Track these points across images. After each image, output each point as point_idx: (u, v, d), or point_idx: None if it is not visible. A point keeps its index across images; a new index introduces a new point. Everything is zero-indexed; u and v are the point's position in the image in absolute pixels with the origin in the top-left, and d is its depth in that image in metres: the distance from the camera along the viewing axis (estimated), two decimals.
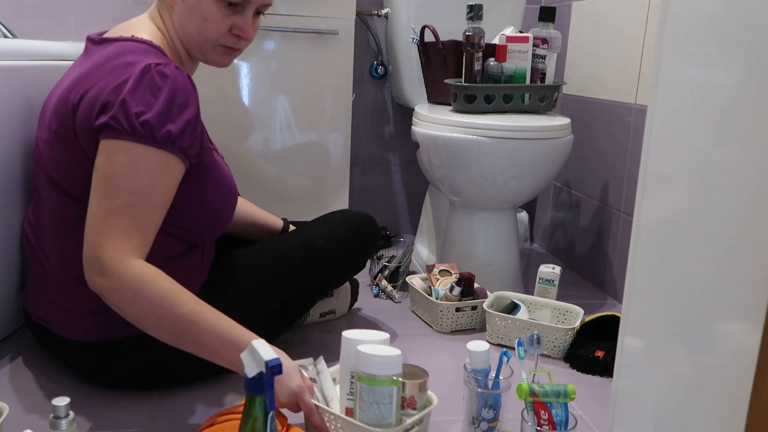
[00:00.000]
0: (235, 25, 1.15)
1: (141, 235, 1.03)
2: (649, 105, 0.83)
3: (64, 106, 1.08)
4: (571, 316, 1.54)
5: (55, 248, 1.16)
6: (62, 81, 1.16)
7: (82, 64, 1.13)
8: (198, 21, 1.13)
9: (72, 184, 1.11)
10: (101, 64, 1.07)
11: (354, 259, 1.43)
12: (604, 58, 1.92)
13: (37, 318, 1.22)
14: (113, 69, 1.05)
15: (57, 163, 1.12)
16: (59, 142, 1.10)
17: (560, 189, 2.22)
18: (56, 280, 1.16)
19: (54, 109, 1.11)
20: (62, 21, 1.98)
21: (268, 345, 0.79)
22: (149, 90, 1.03)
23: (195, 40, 1.16)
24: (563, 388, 1.03)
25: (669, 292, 0.82)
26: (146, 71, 1.03)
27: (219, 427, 1.03)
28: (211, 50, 1.17)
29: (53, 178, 1.13)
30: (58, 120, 1.09)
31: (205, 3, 1.12)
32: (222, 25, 1.14)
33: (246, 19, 1.15)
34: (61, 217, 1.14)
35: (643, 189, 0.85)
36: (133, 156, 1.02)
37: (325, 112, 1.93)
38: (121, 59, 1.06)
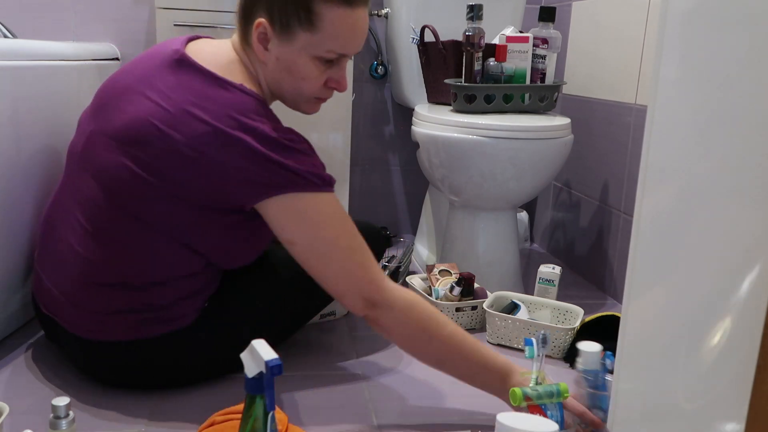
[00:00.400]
0: (331, 79, 1.16)
1: (373, 262, 1.11)
2: (649, 105, 0.83)
3: (152, 131, 1.04)
4: (570, 316, 1.54)
5: (83, 247, 1.13)
6: (141, 88, 1.09)
7: (177, 88, 1.06)
8: (295, 79, 1.14)
9: (126, 196, 1.08)
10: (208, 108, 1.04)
11: None
12: (604, 58, 1.92)
13: (46, 310, 1.21)
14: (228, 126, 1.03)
15: (117, 173, 1.08)
16: (129, 158, 1.06)
17: (560, 189, 2.22)
18: (75, 277, 1.14)
19: (134, 124, 1.06)
20: (62, 21, 1.98)
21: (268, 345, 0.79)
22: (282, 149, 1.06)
23: (290, 95, 1.17)
24: (556, 387, 1.03)
25: (669, 292, 0.82)
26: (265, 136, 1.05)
27: (219, 427, 1.03)
28: (305, 102, 1.19)
29: (105, 182, 1.10)
30: (139, 140, 1.05)
31: (302, 62, 1.11)
32: (319, 81, 1.15)
33: (341, 71, 1.17)
34: (99, 220, 1.11)
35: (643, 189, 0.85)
36: (325, 203, 1.08)
37: (325, 112, 1.93)
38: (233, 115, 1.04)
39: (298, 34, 1.09)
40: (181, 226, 1.10)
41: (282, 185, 1.05)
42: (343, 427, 1.15)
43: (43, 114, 1.40)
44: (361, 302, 1.10)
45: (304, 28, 1.09)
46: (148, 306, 1.14)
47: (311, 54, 1.11)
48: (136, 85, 1.11)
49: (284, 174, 1.05)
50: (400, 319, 1.10)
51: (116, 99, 1.12)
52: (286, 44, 1.10)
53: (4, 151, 1.27)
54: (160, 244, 1.11)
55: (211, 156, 1.03)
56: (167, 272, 1.13)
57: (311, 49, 1.10)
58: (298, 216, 1.07)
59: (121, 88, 1.13)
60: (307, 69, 1.12)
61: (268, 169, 1.04)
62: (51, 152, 1.43)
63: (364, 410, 1.21)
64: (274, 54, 1.12)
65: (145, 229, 1.09)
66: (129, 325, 1.14)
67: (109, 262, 1.12)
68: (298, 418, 1.17)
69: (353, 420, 1.18)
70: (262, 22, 1.09)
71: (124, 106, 1.09)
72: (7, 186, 1.29)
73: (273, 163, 1.04)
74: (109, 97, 1.14)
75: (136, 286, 1.12)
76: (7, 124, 1.27)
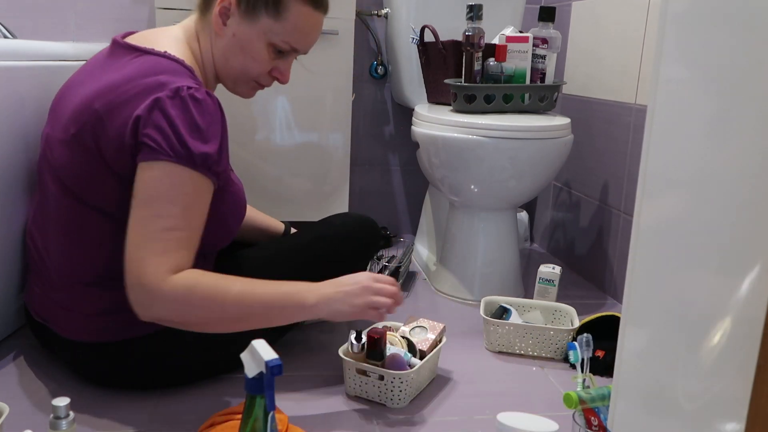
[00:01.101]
0: (276, 68, 1.22)
1: (182, 254, 1.04)
2: (649, 105, 0.83)
3: (87, 112, 1.08)
4: (561, 315, 1.54)
5: (59, 249, 1.15)
6: (81, 82, 1.14)
7: (109, 71, 1.11)
8: (245, 58, 1.18)
9: (82, 188, 1.11)
10: (131, 78, 1.07)
11: (354, 262, 1.43)
12: (604, 58, 1.92)
13: (38, 317, 1.22)
14: (146, 87, 1.05)
15: (70, 165, 1.11)
16: (76, 146, 1.09)
17: (560, 189, 2.22)
18: (59, 280, 1.16)
19: (74, 113, 1.10)
20: (62, 21, 1.98)
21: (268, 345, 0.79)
22: (186, 112, 1.04)
23: (235, 72, 1.20)
24: (606, 390, 1.02)
25: (669, 292, 0.82)
26: (178, 93, 1.04)
27: (219, 427, 1.04)
28: (244, 83, 1.22)
29: (62, 178, 1.13)
30: (79, 125, 1.08)
31: (257, 44, 1.17)
32: (267, 66, 1.20)
33: (287, 64, 1.23)
34: (66, 219, 1.14)
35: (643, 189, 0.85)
36: (173, 177, 1.03)
37: (325, 112, 1.93)
38: (153, 78, 1.06)
39: (262, 18, 1.15)
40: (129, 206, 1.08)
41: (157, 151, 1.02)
42: (343, 427, 1.15)
43: (43, 115, 1.40)
44: (138, 289, 1.01)
45: (270, 15, 1.15)
46: None
47: (268, 39, 1.17)
48: (79, 82, 1.16)
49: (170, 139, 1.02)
50: (183, 309, 1.04)
51: (65, 98, 1.17)
52: (247, 24, 1.16)
53: (4, 152, 1.27)
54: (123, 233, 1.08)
55: (123, 115, 1.05)
56: None
57: (270, 35, 1.17)
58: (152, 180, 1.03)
59: (68, 89, 1.18)
60: (261, 52, 1.18)
61: (159, 130, 1.02)
62: None
63: (364, 410, 1.21)
64: (232, 30, 1.16)
65: (110, 221, 1.11)
66: (120, 325, 1.14)
67: (86, 259, 1.13)
68: (298, 418, 1.17)
69: (353, 420, 1.18)
70: None
71: (70, 102, 1.14)
72: (7, 188, 1.29)
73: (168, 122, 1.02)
74: (60, 99, 1.19)
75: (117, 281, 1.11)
76: (6, 125, 1.27)
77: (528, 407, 1.24)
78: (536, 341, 1.45)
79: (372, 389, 1.22)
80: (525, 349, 1.47)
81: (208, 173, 1.06)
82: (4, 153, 1.27)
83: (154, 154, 1.02)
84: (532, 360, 1.45)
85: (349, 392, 1.26)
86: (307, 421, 1.16)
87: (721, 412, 0.72)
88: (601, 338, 1.44)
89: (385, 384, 1.20)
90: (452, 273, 1.80)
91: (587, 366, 1.18)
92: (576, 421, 1.02)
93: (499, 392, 1.30)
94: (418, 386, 1.26)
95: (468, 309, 1.72)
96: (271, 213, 1.95)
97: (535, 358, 1.46)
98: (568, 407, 1.03)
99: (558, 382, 1.35)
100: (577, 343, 1.17)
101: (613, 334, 1.04)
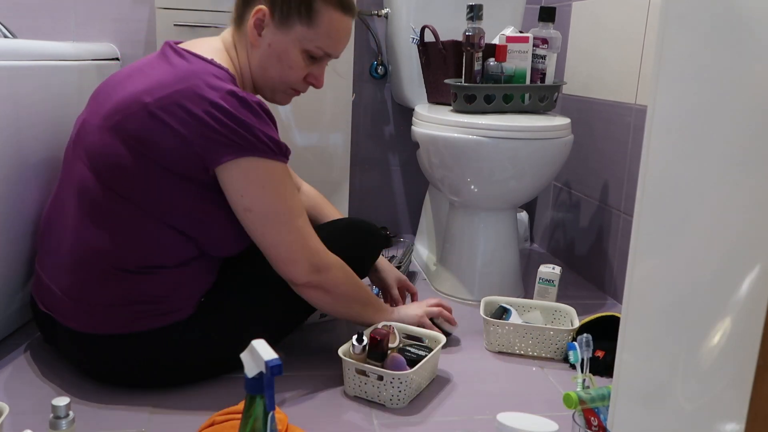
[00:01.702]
0: (311, 74, 1.26)
1: (313, 230, 1.21)
2: (649, 105, 0.83)
3: (136, 105, 1.11)
4: (561, 315, 1.54)
5: (78, 234, 1.16)
6: (130, 76, 1.18)
7: (159, 69, 1.15)
8: (282, 67, 1.23)
9: (115, 175, 1.13)
10: (180, 78, 1.11)
11: (356, 267, 1.43)
12: (604, 58, 1.92)
13: (44, 307, 1.22)
14: (194, 89, 1.09)
15: (106, 152, 1.13)
16: (116, 134, 1.12)
17: (560, 189, 2.22)
18: (72, 267, 1.16)
19: (121, 103, 1.13)
20: (62, 21, 1.98)
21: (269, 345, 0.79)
22: (249, 111, 1.11)
23: (273, 81, 1.25)
24: (606, 390, 1.02)
25: (669, 292, 0.82)
26: (232, 94, 1.10)
27: (219, 427, 1.04)
28: (282, 92, 1.27)
29: (95, 164, 1.14)
30: (124, 115, 1.12)
31: (293, 52, 1.22)
32: (302, 72, 1.25)
33: (321, 69, 1.27)
34: (91, 204, 1.15)
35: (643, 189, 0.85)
36: (275, 170, 1.14)
37: (325, 112, 1.93)
38: (202, 79, 1.10)
39: (296, 26, 1.20)
40: (165, 202, 1.13)
41: (242, 147, 1.10)
42: (343, 427, 1.15)
43: (44, 114, 1.40)
44: (307, 268, 1.18)
45: (303, 22, 1.20)
46: (144, 296, 1.15)
47: (302, 47, 1.22)
48: (127, 76, 1.19)
49: (245, 135, 1.10)
50: (339, 278, 1.24)
51: (109, 89, 1.20)
52: (282, 33, 1.20)
53: (4, 152, 1.27)
54: (150, 226, 1.14)
55: (178, 114, 1.09)
56: (159, 258, 1.15)
57: (304, 42, 1.21)
58: (257, 181, 1.13)
59: (114, 82, 1.21)
60: (296, 59, 1.22)
61: (229, 128, 1.09)
62: (51, 153, 1.43)
63: (364, 410, 1.21)
64: (267, 40, 1.21)
65: (135, 211, 1.13)
66: (125, 318, 1.15)
67: (103, 247, 1.14)
68: (298, 418, 1.17)
69: (353, 420, 1.18)
70: (262, 9, 1.19)
71: (115, 94, 1.17)
72: (8, 187, 1.29)
73: (236, 120, 1.09)
74: (103, 90, 1.22)
75: (131, 273, 1.14)
76: (7, 125, 1.27)
77: (528, 407, 1.24)
78: (536, 341, 1.45)
79: (371, 389, 1.22)
80: (525, 349, 1.47)
81: (286, 160, 1.17)
82: (7, 151, 1.27)
83: (242, 151, 1.10)
84: (532, 360, 1.45)
85: (349, 392, 1.26)
86: (307, 421, 1.16)
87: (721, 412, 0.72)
88: (601, 338, 1.44)
89: (384, 384, 1.20)
90: (452, 273, 1.80)
91: (587, 366, 1.17)
92: (576, 421, 1.02)
93: (499, 392, 1.30)
94: (418, 387, 1.26)
95: (468, 309, 1.72)
96: None
97: (535, 358, 1.46)
98: (567, 407, 1.03)
99: (558, 382, 1.35)
100: (577, 343, 1.17)
101: (613, 334, 1.04)
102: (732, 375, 0.70)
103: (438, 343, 1.33)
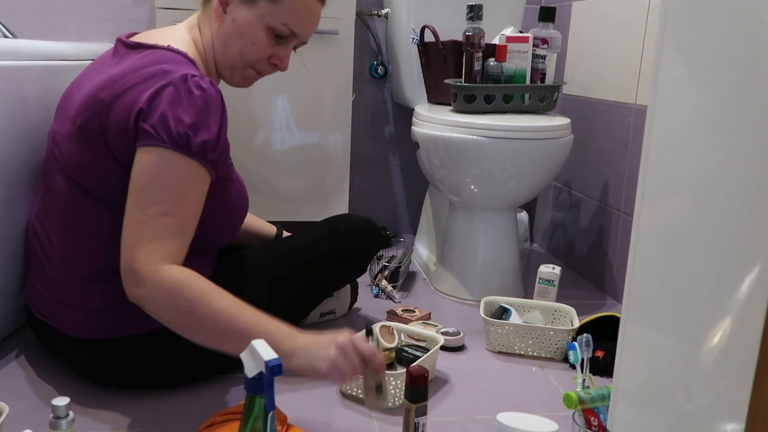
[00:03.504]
0: (275, 55, 1.21)
1: (174, 243, 1.04)
2: (649, 105, 0.83)
3: (94, 104, 1.09)
4: (561, 315, 1.54)
5: (64, 243, 1.16)
6: (88, 78, 1.16)
7: (113, 65, 1.14)
8: (244, 43, 1.18)
9: (89, 180, 1.12)
10: (136, 69, 1.08)
11: (355, 263, 1.43)
12: (604, 58, 1.92)
13: (39, 314, 1.22)
14: (150, 75, 1.06)
15: (77, 158, 1.12)
16: (83, 138, 1.11)
17: (560, 189, 2.22)
18: (62, 275, 1.16)
19: (81, 106, 1.12)
20: (62, 21, 1.98)
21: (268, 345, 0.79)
22: (188, 100, 1.05)
23: (233, 58, 1.20)
24: (606, 390, 1.02)
25: (669, 292, 0.82)
26: (184, 81, 1.05)
27: (219, 427, 1.04)
28: (241, 71, 1.22)
29: (69, 172, 1.14)
30: (85, 117, 1.10)
31: (257, 28, 1.17)
32: (265, 51, 1.20)
33: (286, 51, 1.22)
34: (72, 213, 1.14)
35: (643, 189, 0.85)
36: (168, 163, 1.04)
37: (325, 112, 1.93)
38: (158, 66, 1.07)
39: (260, 1, 1.16)
40: None
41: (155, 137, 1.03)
42: (342, 427, 1.15)
43: (43, 115, 1.40)
44: (130, 272, 1.02)
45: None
46: None
47: (267, 23, 1.17)
48: (85, 78, 1.18)
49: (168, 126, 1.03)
50: (164, 302, 1.02)
51: (70, 95, 1.19)
52: (246, 8, 1.17)
53: (5, 151, 1.27)
54: None
55: (122, 99, 1.06)
56: None
57: (269, 19, 1.17)
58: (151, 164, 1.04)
59: (74, 86, 1.20)
60: (259, 36, 1.18)
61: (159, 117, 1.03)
62: None
63: (363, 410, 1.21)
64: (231, 16, 1.18)
65: (117, 215, 1.10)
66: (122, 322, 1.15)
67: (89, 253, 1.14)
68: (298, 418, 1.17)
69: (353, 420, 1.18)
70: None
71: (75, 98, 1.16)
72: (7, 187, 1.29)
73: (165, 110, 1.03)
74: (66, 98, 1.21)
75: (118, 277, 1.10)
76: (6, 126, 1.27)
77: (528, 407, 1.24)
78: (536, 341, 1.45)
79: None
80: (525, 349, 1.47)
81: (203, 161, 1.06)
82: (5, 152, 1.27)
83: (152, 140, 1.03)
84: (532, 360, 1.45)
85: (346, 391, 1.26)
86: (307, 420, 1.16)
87: (721, 412, 0.72)
88: (601, 338, 1.44)
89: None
90: (452, 273, 1.80)
91: (587, 366, 1.18)
92: (576, 421, 1.02)
93: (499, 392, 1.30)
94: None
95: (468, 309, 1.72)
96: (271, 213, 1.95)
97: (535, 358, 1.46)
98: (567, 407, 1.03)
99: (558, 382, 1.35)
100: (577, 343, 1.17)
101: (613, 334, 1.04)
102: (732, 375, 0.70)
103: (436, 343, 1.33)
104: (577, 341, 1.17)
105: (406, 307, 1.67)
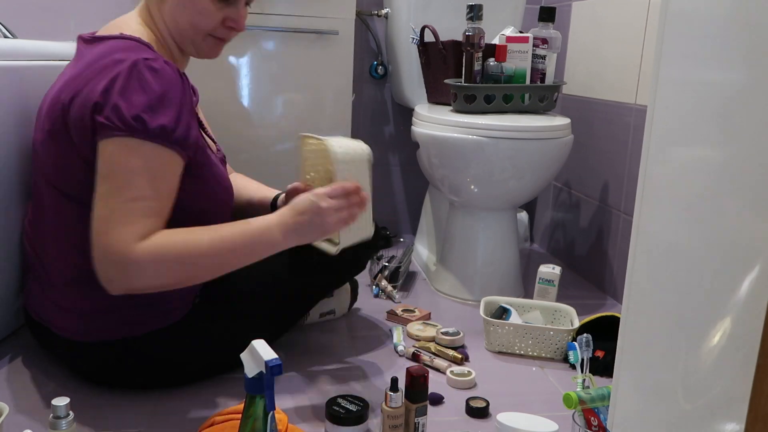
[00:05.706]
0: (228, 17, 1.18)
1: (148, 222, 1.02)
2: (649, 105, 0.83)
3: (56, 106, 1.09)
4: (560, 315, 1.54)
5: (55, 247, 1.16)
6: (56, 83, 1.16)
7: (74, 65, 1.13)
8: (191, 14, 1.15)
9: (66, 183, 1.11)
10: (90, 63, 1.08)
11: (354, 261, 1.43)
12: (604, 58, 1.92)
13: (37, 317, 1.22)
14: (103, 68, 1.05)
15: (51, 162, 1.12)
16: (52, 142, 1.10)
17: (560, 189, 2.22)
18: (56, 279, 1.16)
19: (47, 111, 1.12)
20: (62, 21, 1.98)
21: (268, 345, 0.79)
22: (139, 85, 1.03)
23: (187, 32, 1.17)
24: (606, 390, 1.02)
25: (669, 292, 0.82)
26: (134, 66, 1.03)
27: (219, 427, 1.04)
28: (201, 42, 1.19)
29: (49, 177, 1.13)
30: (51, 120, 1.10)
31: None
32: (215, 17, 1.16)
33: (238, 11, 1.19)
34: (58, 217, 1.14)
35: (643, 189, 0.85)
36: (128, 151, 1.02)
37: (325, 112, 1.93)
38: (109, 57, 1.06)
39: None
40: None
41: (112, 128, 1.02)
42: None
43: None
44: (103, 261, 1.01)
45: None
46: (137, 300, 1.13)
47: None
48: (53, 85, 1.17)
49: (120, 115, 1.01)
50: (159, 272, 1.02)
51: (42, 104, 1.18)
52: None
53: (4, 152, 1.27)
54: None
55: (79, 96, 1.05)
56: None
57: None
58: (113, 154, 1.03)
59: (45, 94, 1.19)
60: (204, 3, 1.15)
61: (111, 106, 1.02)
62: None
63: None
64: None
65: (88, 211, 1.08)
66: (116, 324, 1.14)
67: (78, 256, 1.12)
68: (298, 418, 1.17)
69: None
70: None
71: (44, 105, 1.15)
72: (7, 187, 1.29)
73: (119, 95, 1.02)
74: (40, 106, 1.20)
75: None
76: (6, 126, 1.27)
77: (528, 407, 1.24)
78: (536, 341, 1.45)
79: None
80: (525, 349, 1.47)
81: (167, 144, 1.04)
82: (5, 152, 1.27)
83: (109, 131, 1.02)
84: (532, 360, 1.45)
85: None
86: (307, 421, 1.16)
87: (721, 412, 0.72)
88: (601, 338, 1.44)
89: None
90: (452, 273, 1.80)
91: (587, 366, 1.18)
92: (576, 421, 1.02)
93: (499, 392, 1.30)
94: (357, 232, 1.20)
95: (468, 309, 1.72)
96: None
97: (535, 358, 1.46)
98: (567, 407, 1.03)
99: (558, 383, 1.35)
100: (577, 343, 1.17)
101: (613, 334, 1.04)
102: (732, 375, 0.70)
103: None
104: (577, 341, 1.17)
105: (406, 307, 1.67)
